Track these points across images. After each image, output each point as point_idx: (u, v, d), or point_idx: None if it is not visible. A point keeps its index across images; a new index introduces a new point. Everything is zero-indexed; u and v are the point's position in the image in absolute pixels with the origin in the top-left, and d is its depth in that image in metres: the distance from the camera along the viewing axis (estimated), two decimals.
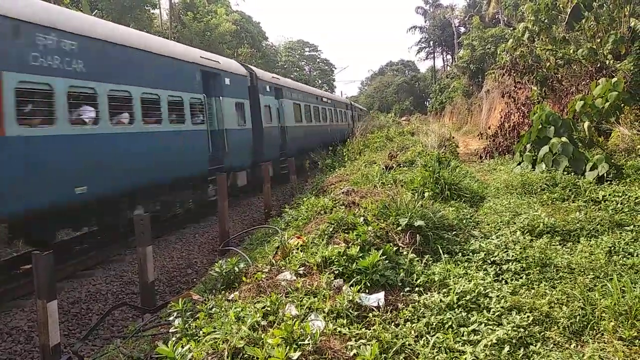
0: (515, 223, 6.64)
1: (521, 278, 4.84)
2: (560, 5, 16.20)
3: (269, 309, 3.75)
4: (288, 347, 3.08)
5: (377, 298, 4.13)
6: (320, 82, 74.19)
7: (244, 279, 4.78)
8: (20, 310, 6.63)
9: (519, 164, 11.69)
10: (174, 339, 3.63)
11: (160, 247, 9.67)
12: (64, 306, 6.63)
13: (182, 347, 3.30)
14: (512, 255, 5.28)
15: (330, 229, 5.77)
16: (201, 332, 3.59)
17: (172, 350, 3.21)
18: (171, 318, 4.25)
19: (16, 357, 5.56)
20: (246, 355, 3.15)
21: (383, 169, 10.94)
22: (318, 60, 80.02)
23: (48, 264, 4.79)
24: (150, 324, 4.75)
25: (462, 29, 57.32)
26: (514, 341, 3.60)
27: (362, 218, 5.95)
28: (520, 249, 5.44)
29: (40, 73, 7.37)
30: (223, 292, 4.84)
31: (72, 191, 7.75)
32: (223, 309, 3.96)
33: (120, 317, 6.51)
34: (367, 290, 4.28)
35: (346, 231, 5.61)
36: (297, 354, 3.04)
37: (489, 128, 19.52)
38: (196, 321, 3.85)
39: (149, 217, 6.66)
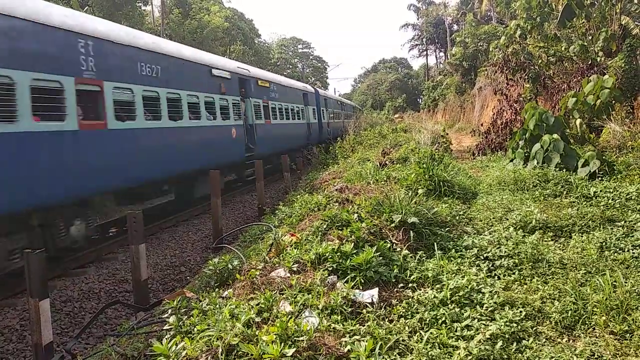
0: (507, 219, 6.69)
1: (514, 274, 4.88)
2: (552, 3, 16.28)
3: (263, 305, 3.75)
4: (282, 344, 3.08)
5: (370, 294, 4.14)
6: (313, 79, 74.09)
7: (237, 276, 4.77)
8: (12, 309, 6.57)
9: (512, 160, 11.76)
10: (168, 336, 3.62)
11: (153, 245, 9.63)
12: (56, 305, 6.58)
13: (176, 344, 3.29)
14: (505, 251, 5.32)
15: (324, 226, 5.78)
16: (195, 329, 3.58)
17: (166, 347, 3.20)
18: (165, 316, 4.24)
19: (8, 356, 5.52)
20: (240, 352, 3.15)
21: (376, 166, 10.96)
22: (311, 57, 79.90)
23: (40, 263, 4.76)
24: (144, 321, 4.73)
25: (455, 27, 57.42)
26: (506, 336, 3.63)
27: (355, 215, 5.96)
28: (513, 244, 5.48)
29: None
30: (217, 289, 4.82)
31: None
32: (217, 306, 3.96)
33: (114, 316, 6.48)
34: (361, 287, 4.30)
35: (340, 228, 5.62)
36: (292, 350, 3.04)
37: (482, 125, 19.62)
38: (190, 319, 3.83)
39: (142, 214, 6.62)
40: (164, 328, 4.01)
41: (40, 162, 7.16)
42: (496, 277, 4.84)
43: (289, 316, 3.49)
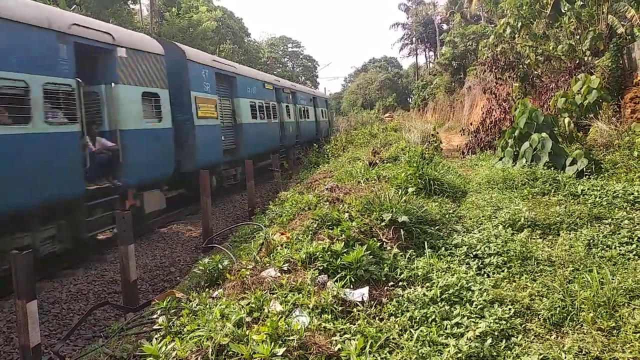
0: (496, 217, 6.73)
1: (503, 271, 4.91)
2: (543, 1, 16.40)
3: (253, 305, 3.74)
4: (273, 343, 3.07)
5: (361, 293, 4.15)
6: (303, 78, 74.00)
7: (228, 276, 4.76)
8: None
9: (501, 159, 11.85)
10: (157, 337, 3.59)
11: (143, 246, 9.55)
12: (44, 306, 6.51)
13: (166, 345, 3.27)
14: (494, 249, 5.35)
15: (315, 225, 5.78)
16: (185, 329, 3.56)
17: (156, 348, 3.18)
18: (155, 316, 4.21)
19: None
20: (231, 352, 3.13)
21: (367, 165, 10.98)
22: (301, 56, 79.79)
23: (27, 264, 4.70)
24: (133, 322, 4.70)
25: (445, 26, 57.68)
26: (496, 333, 3.65)
27: (346, 214, 5.97)
28: (502, 242, 5.52)
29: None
30: (207, 289, 4.80)
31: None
32: (207, 306, 3.94)
33: (103, 317, 6.42)
34: (351, 286, 4.30)
35: (330, 227, 5.62)
36: (282, 349, 3.04)
37: (471, 124, 19.72)
38: (180, 319, 3.82)
39: (131, 214, 6.56)
40: (154, 328, 3.98)
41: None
42: (485, 275, 4.87)
43: (280, 316, 3.49)
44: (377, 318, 3.84)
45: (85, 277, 7.72)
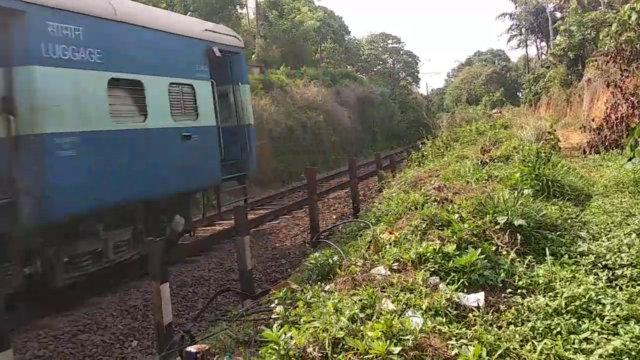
0: (628, 224, 6.09)
1: (639, 285, 4.45)
2: None
3: (365, 302, 3.79)
4: (388, 341, 3.11)
5: (476, 298, 4.03)
6: (404, 74, 72.77)
7: (338, 271, 4.87)
8: (136, 290, 7.33)
9: (630, 159, 10.68)
10: (276, 325, 3.81)
11: (255, 238, 10.16)
12: (173, 289, 7.18)
13: (285, 333, 3.46)
14: (627, 260, 4.86)
15: (424, 225, 5.69)
16: (301, 320, 3.73)
17: (276, 335, 3.39)
18: (272, 305, 4.47)
19: (135, 332, 6.18)
20: (346, 346, 3.23)
21: (476, 164, 10.52)
22: (401, 52, 78.39)
23: (160, 249, 5.26)
24: (252, 309, 5.03)
25: (558, 14, 53.02)
26: (633, 353, 3.34)
27: (456, 215, 5.80)
28: (636, 253, 4.99)
29: None
30: (319, 283, 4.97)
31: None
32: (321, 299, 4.08)
33: (222, 302, 6.97)
34: (465, 290, 4.19)
35: (440, 228, 5.51)
36: (398, 348, 3.06)
37: (593, 120, 17.95)
38: (296, 310, 4.00)
39: (246, 207, 7.04)
40: (272, 317, 4.23)
41: None
42: (617, 288, 4.44)
43: (393, 314, 3.51)
44: (494, 325, 3.70)
45: (207, 265, 8.43)
